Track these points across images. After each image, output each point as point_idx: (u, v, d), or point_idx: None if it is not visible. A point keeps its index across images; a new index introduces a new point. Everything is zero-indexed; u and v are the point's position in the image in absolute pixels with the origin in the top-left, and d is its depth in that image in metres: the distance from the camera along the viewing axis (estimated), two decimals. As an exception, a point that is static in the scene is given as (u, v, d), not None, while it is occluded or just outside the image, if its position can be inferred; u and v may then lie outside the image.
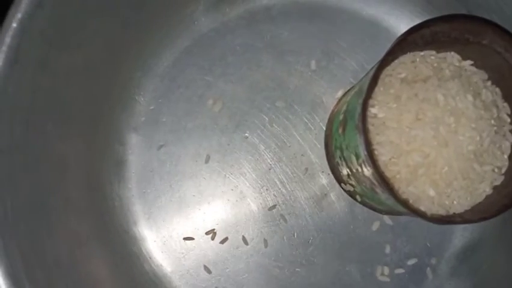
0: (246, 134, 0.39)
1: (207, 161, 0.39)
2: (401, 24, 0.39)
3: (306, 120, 0.39)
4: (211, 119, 0.39)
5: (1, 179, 0.29)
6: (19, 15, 0.27)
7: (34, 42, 0.29)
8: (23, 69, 0.29)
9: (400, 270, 0.39)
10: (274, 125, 0.39)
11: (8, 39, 0.27)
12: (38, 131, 0.31)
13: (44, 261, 0.30)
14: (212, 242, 0.39)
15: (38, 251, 0.30)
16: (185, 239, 0.39)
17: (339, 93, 0.39)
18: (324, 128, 0.39)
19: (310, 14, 0.40)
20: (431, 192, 0.30)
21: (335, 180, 0.39)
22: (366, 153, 0.28)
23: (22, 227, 0.29)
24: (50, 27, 0.30)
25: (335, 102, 0.39)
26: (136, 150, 0.39)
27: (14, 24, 0.27)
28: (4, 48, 0.27)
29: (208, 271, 0.39)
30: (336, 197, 0.39)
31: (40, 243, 0.31)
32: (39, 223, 0.31)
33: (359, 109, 0.29)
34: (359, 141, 0.29)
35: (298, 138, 0.39)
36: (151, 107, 0.39)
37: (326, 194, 0.39)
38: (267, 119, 0.39)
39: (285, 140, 0.39)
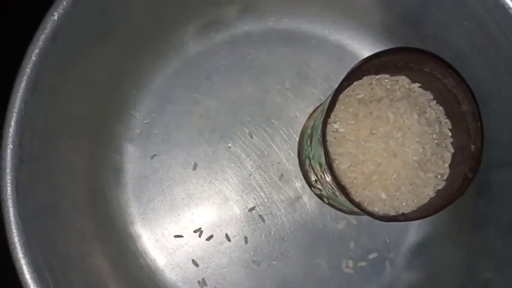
0: (229, 145, 0.41)
1: (194, 168, 0.41)
2: (363, 48, 0.42)
3: (282, 133, 0.42)
4: (198, 131, 0.41)
5: (23, 185, 0.31)
6: (37, 50, 0.30)
7: (49, 71, 0.31)
8: (40, 94, 0.31)
9: (363, 263, 0.40)
10: (254, 136, 0.42)
11: (28, 71, 0.30)
12: (51, 145, 0.33)
13: (57, 253, 0.32)
14: (199, 239, 0.41)
15: (53, 244, 0.32)
16: (176, 236, 0.40)
17: (310, 109, 0.41)
18: (297, 140, 0.41)
19: (285, 39, 0.42)
20: (383, 195, 0.33)
21: (306, 185, 0.41)
22: (325, 162, 0.31)
23: (40, 225, 0.32)
24: (62, 58, 0.32)
25: (307, 117, 0.42)
26: (131, 159, 0.41)
27: (33, 58, 0.30)
28: (25, 77, 0.30)
29: (196, 264, 0.40)
30: (308, 199, 0.41)
31: (54, 238, 0.33)
32: (53, 222, 0.33)
33: (321, 126, 0.32)
34: (320, 152, 0.32)
35: (276, 149, 0.42)
36: (145, 121, 0.41)
37: (299, 197, 0.41)
38: (247, 131, 0.41)
39: (263, 150, 0.41)
